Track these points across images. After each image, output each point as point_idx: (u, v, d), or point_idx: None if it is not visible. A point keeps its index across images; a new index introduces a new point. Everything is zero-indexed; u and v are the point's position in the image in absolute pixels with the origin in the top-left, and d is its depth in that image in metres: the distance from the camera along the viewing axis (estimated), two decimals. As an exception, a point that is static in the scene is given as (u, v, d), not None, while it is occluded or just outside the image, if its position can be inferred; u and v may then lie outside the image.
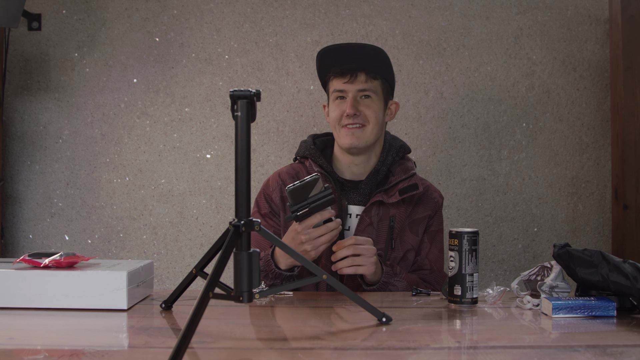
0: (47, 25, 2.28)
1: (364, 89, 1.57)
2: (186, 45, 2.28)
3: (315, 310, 1.20)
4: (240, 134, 1.00)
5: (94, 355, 0.87)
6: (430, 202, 1.64)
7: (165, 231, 2.28)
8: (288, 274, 1.44)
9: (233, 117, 1.01)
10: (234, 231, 1.00)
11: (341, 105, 1.59)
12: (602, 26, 2.31)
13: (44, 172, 2.28)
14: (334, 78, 1.59)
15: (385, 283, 1.47)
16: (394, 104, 1.68)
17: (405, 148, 1.69)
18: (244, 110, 1.00)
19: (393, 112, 1.68)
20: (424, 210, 1.63)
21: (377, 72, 1.58)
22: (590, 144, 2.31)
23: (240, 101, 1.00)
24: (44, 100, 2.28)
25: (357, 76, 1.56)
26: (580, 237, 2.31)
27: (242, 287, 0.99)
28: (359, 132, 1.57)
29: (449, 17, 2.29)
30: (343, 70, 1.56)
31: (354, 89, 1.56)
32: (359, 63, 1.56)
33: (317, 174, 1.26)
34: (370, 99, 1.58)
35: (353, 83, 1.56)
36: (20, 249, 2.27)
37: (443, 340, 0.98)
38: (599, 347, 0.94)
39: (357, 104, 1.57)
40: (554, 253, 1.27)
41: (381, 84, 1.60)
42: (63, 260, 1.20)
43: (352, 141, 1.57)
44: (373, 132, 1.59)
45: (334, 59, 1.59)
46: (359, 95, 1.57)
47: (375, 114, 1.58)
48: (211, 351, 0.91)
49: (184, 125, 2.28)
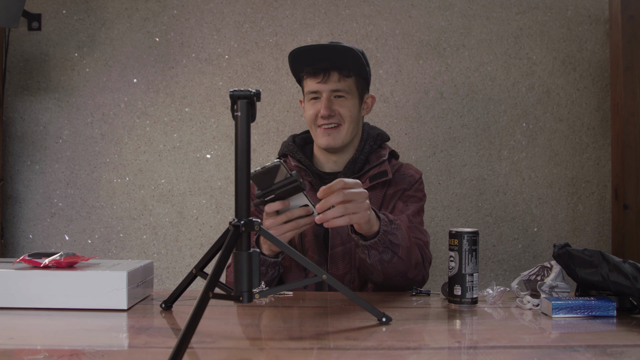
0: (47, 25, 2.28)
1: (337, 89, 1.57)
2: (186, 45, 2.28)
3: (315, 310, 1.20)
4: (240, 134, 1.00)
5: (94, 355, 0.87)
6: (403, 178, 1.63)
7: (165, 231, 2.28)
8: (273, 260, 1.42)
9: (233, 117, 1.01)
10: (234, 231, 1.00)
11: (315, 105, 1.60)
12: (602, 26, 2.31)
13: (44, 172, 2.28)
14: (307, 78, 1.60)
15: (385, 233, 1.32)
16: (370, 97, 1.68)
17: (382, 136, 1.70)
18: (244, 110, 1.00)
19: (369, 105, 1.69)
20: (397, 185, 1.62)
21: (350, 70, 1.57)
22: (590, 144, 2.31)
23: (240, 101, 1.00)
24: (44, 100, 2.28)
25: (330, 76, 1.56)
26: (580, 237, 2.31)
27: (242, 287, 0.99)
28: (335, 132, 1.59)
29: (449, 17, 2.29)
30: (315, 70, 1.57)
31: (328, 89, 1.57)
32: (331, 62, 1.56)
33: (278, 160, 1.20)
34: (344, 99, 1.58)
35: (326, 83, 1.56)
36: (20, 249, 2.27)
37: (443, 340, 0.98)
38: (599, 347, 0.94)
39: (331, 104, 1.57)
40: (554, 253, 1.27)
41: (355, 81, 1.60)
42: (63, 260, 1.20)
43: (329, 142, 1.59)
44: (349, 131, 1.60)
45: (306, 60, 1.59)
46: (333, 95, 1.58)
47: (350, 113, 1.58)
48: (211, 351, 0.91)
49: (184, 125, 2.28)
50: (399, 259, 1.35)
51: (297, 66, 1.63)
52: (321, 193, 1.21)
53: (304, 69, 1.60)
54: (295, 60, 1.60)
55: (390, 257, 1.34)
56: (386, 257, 1.34)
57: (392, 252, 1.34)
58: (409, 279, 1.42)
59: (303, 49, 1.57)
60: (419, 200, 1.63)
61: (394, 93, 2.29)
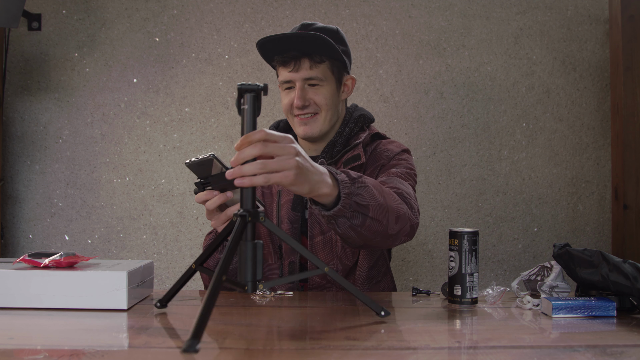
0: (47, 25, 2.28)
1: (310, 77, 1.49)
2: (186, 45, 2.28)
3: (314, 310, 1.20)
4: (247, 127, 1.00)
5: (94, 355, 0.87)
6: (380, 155, 1.54)
7: (165, 231, 2.28)
8: None
9: (239, 112, 1.01)
10: (241, 221, 1.00)
11: (290, 95, 1.53)
12: (602, 26, 2.31)
13: (44, 172, 2.28)
14: (279, 67, 1.53)
15: (348, 195, 1.13)
16: (349, 79, 1.59)
17: (364, 118, 1.60)
18: (251, 104, 1.01)
19: (350, 87, 1.60)
20: (374, 163, 1.54)
21: (322, 55, 1.49)
22: (590, 144, 2.31)
23: (248, 94, 1.00)
24: (44, 100, 2.28)
25: (301, 63, 1.48)
26: (580, 237, 2.31)
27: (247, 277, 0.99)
28: (312, 121, 1.52)
29: (449, 17, 2.29)
30: (285, 59, 1.49)
31: (300, 78, 1.49)
32: (300, 50, 1.48)
33: (211, 154, 1.12)
34: (319, 86, 1.51)
35: (298, 72, 1.49)
36: (20, 249, 2.27)
37: (443, 340, 0.98)
38: (599, 347, 0.94)
39: (305, 93, 1.50)
40: (554, 253, 1.27)
41: (329, 65, 1.51)
42: (63, 260, 1.20)
43: (306, 131, 1.52)
44: (327, 119, 1.53)
45: (274, 49, 1.51)
46: (306, 84, 1.50)
47: (326, 100, 1.51)
48: (211, 351, 0.91)
49: (184, 125, 2.28)
50: (372, 220, 1.18)
51: (267, 55, 1.55)
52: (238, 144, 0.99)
53: (274, 57, 1.53)
54: (263, 49, 1.52)
55: (362, 221, 1.17)
56: (357, 221, 1.16)
57: (361, 214, 1.16)
58: (392, 236, 1.26)
59: (269, 39, 1.48)
60: (403, 168, 1.48)
61: (394, 93, 2.29)
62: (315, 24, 1.54)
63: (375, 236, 1.23)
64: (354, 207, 1.15)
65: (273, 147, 0.99)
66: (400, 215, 1.25)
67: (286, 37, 1.47)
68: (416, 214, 1.34)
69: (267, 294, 1.34)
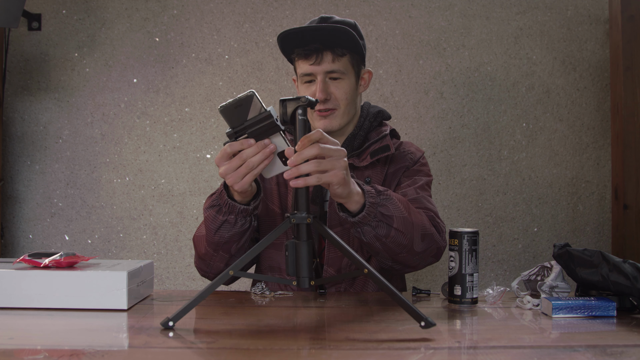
0: (47, 25, 2.28)
1: (332, 70, 1.48)
2: (186, 45, 2.28)
3: (314, 310, 1.20)
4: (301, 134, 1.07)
5: (94, 355, 0.87)
6: (404, 156, 1.56)
7: (165, 231, 2.28)
8: (243, 207, 1.27)
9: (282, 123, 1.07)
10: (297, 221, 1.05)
11: (310, 88, 1.51)
12: (602, 26, 2.31)
13: (44, 172, 2.28)
14: (299, 60, 1.52)
15: (373, 205, 1.21)
16: (366, 72, 1.60)
17: (382, 114, 1.62)
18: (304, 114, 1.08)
19: (367, 81, 1.61)
20: (399, 163, 1.55)
21: (344, 48, 1.49)
22: (590, 144, 2.31)
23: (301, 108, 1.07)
24: (44, 100, 2.28)
25: (323, 56, 1.48)
26: (580, 237, 2.31)
27: (303, 273, 1.06)
28: (331, 115, 1.51)
29: (449, 17, 2.29)
30: (307, 51, 1.48)
31: (322, 71, 1.48)
32: (323, 43, 1.47)
33: (251, 91, 1.06)
34: (341, 80, 1.50)
35: (320, 64, 1.48)
36: (20, 249, 2.27)
37: (443, 340, 0.98)
38: (599, 347, 0.94)
39: (327, 86, 1.49)
40: (554, 253, 1.27)
41: (350, 59, 1.51)
42: (63, 260, 1.20)
43: (326, 125, 1.51)
44: (346, 113, 1.52)
45: (296, 42, 1.50)
46: (328, 77, 1.50)
47: (346, 95, 1.50)
48: (211, 351, 0.91)
49: (184, 125, 2.28)
50: (397, 232, 1.25)
51: (287, 48, 1.54)
52: (300, 145, 1.06)
53: (294, 50, 1.52)
54: (285, 42, 1.52)
55: (387, 231, 1.24)
56: (381, 231, 1.23)
57: (386, 224, 1.23)
58: (420, 254, 1.32)
59: (292, 31, 1.48)
60: (425, 175, 1.55)
61: (394, 93, 2.29)
62: (334, 17, 1.53)
63: (401, 250, 1.29)
64: (379, 216, 1.22)
65: (327, 150, 1.08)
66: (427, 234, 1.32)
67: (309, 30, 1.47)
68: (444, 237, 1.40)
69: (267, 293, 1.34)
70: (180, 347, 0.94)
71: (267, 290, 1.36)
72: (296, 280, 1.06)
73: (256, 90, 2.28)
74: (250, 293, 1.36)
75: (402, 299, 1.01)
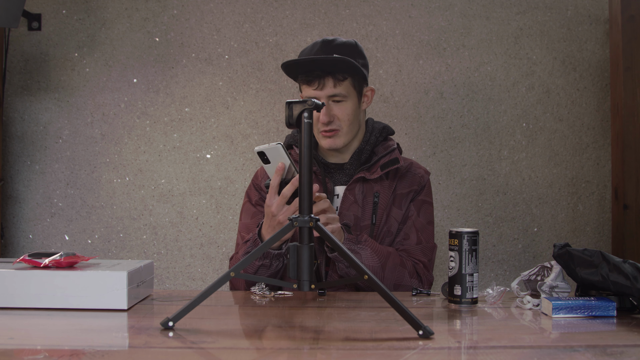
0: (47, 25, 2.28)
1: (334, 94, 1.58)
2: (186, 45, 2.28)
3: (314, 311, 1.20)
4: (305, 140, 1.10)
5: (94, 355, 0.87)
6: (414, 178, 1.66)
7: (165, 231, 2.28)
8: (277, 252, 1.45)
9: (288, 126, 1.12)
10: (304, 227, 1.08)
11: None
12: (602, 26, 2.31)
13: (44, 172, 2.28)
14: (303, 84, 1.62)
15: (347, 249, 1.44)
16: (369, 90, 1.68)
17: (388, 130, 1.71)
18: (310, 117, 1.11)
19: (370, 98, 1.69)
20: (409, 185, 1.64)
21: (345, 73, 1.58)
22: (590, 144, 2.31)
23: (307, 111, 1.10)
24: (44, 100, 2.28)
25: (325, 82, 1.57)
26: (580, 237, 2.31)
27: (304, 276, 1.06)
28: (335, 135, 1.61)
29: (449, 17, 2.29)
30: (309, 78, 1.58)
31: (325, 95, 1.58)
32: (324, 70, 1.57)
33: (278, 143, 1.35)
34: (343, 102, 1.60)
35: (322, 90, 1.58)
36: (20, 249, 2.27)
37: (443, 340, 0.98)
38: (599, 347, 0.94)
39: (330, 109, 1.59)
40: (554, 253, 1.27)
41: (351, 81, 1.60)
42: (63, 260, 1.20)
43: (330, 144, 1.61)
44: (349, 132, 1.62)
45: (298, 70, 1.61)
46: (331, 100, 1.59)
47: (348, 116, 1.60)
48: (211, 351, 0.91)
49: (184, 125, 2.28)
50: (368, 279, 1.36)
51: (291, 74, 1.65)
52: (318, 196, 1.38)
53: (298, 76, 1.63)
54: (288, 70, 1.63)
55: None
56: (352, 272, 1.46)
57: None
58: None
59: (292, 62, 1.59)
60: (429, 206, 1.66)
61: (394, 93, 2.29)
62: (336, 40, 1.62)
63: None
64: None
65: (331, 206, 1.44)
66: (402, 284, 1.51)
67: (309, 61, 1.58)
68: (427, 286, 1.56)
69: (267, 293, 1.34)
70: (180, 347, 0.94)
71: (267, 290, 1.36)
72: (297, 284, 1.07)
73: (256, 90, 2.29)
74: (250, 293, 1.37)
75: (401, 307, 1.00)
